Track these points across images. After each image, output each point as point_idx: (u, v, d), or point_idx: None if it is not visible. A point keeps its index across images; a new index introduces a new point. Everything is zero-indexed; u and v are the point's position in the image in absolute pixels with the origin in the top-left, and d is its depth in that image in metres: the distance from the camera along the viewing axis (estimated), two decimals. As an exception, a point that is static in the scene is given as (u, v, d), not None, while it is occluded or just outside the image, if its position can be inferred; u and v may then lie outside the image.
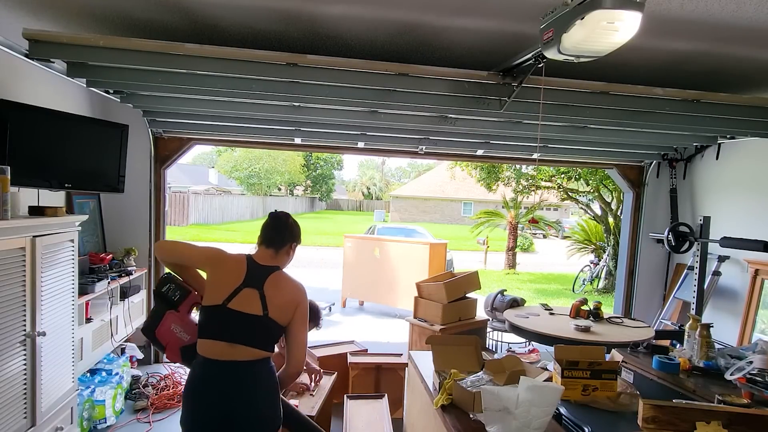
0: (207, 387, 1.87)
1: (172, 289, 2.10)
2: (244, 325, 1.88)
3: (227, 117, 3.91)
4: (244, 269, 1.95)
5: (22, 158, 2.71)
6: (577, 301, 4.01)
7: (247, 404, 1.86)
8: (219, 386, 1.85)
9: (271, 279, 1.95)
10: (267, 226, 2.07)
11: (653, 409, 1.71)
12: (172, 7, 2.54)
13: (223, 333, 1.87)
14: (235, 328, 1.87)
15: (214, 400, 1.84)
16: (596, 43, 1.97)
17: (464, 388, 2.00)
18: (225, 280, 1.92)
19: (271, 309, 1.90)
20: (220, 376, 1.86)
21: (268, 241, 2.03)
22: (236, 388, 1.85)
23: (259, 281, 1.93)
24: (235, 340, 1.86)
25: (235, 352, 1.86)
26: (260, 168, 30.51)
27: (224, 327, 1.88)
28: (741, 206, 4.26)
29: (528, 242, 18.65)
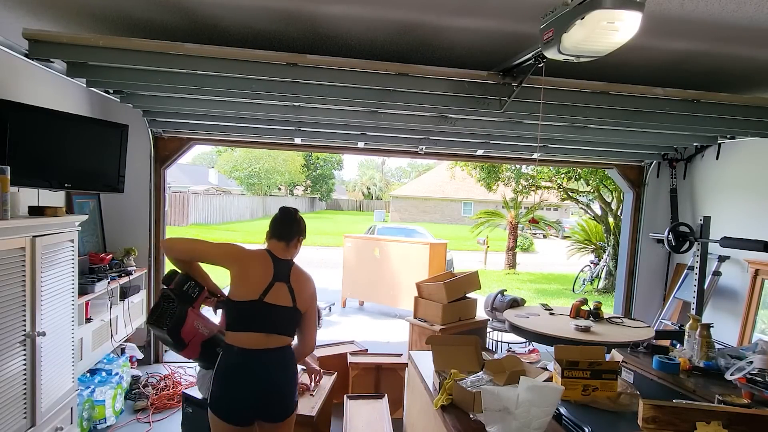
0: (245, 373, 2.00)
1: (192, 286, 2.14)
2: (279, 316, 2.05)
3: (227, 117, 3.91)
4: (271, 264, 2.08)
5: (22, 158, 2.70)
6: (577, 301, 4.00)
7: (279, 385, 2.06)
8: (257, 372, 2.00)
9: (293, 273, 2.12)
10: (277, 220, 2.19)
11: (653, 409, 1.71)
12: (172, 7, 2.54)
13: (261, 325, 2.02)
14: (272, 319, 2.03)
15: (252, 384, 2.00)
16: (596, 43, 1.97)
17: (464, 388, 2.00)
18: (257, 275, 2.05)
19: (298, 300, 2.08)
20: (257, 362, 2.01)
21: (279, 235, 2.15)
22: (272, 372, 2.03)
23: (285, 275, 2.09)
24: (271, 330, 2.03)
25: (270, 340, 2.03)
26: (260, 168, 30.51)
27: (261, 319, 2.02)
28: (741, 206, 4.26)
29: (528, 242, 18.65)
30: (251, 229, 21.36)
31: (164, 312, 2.08)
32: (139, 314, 4.24)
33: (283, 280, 2.07)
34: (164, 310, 2.08)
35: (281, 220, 2.19)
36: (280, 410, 2.08)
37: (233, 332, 2.04)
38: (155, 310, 2.11)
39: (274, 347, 2.03)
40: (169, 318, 2.06)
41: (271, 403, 2.05)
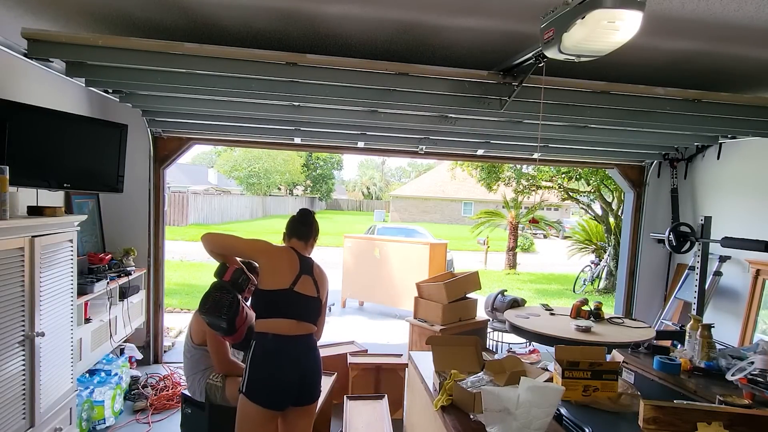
0: (284, 358, 2.16)
1: (244, 279, 2.37)
2: (307, 305, 2.25)
3: (227, 117, 3.90)
4: (297, 259, 2.29)
5: (21, 158, 2.70)
6: (578, 302, 3.99)
7: (312, 369, 2.25)
8: (294, 356, 2.18)
9: (315, 267, 2.35)
10: (298, 222, 2.42)
11: (654, 409, 1.71)
12: (171, 7, 2.54)
13: (292, 311, 2.20)
14: (301, 307, 2.23)
15: (291, 369, 2.17)
16: (597, 42, 1.97)
17: (464, 388, 1.99)
18: (286, 267, 2.24)
19: (321, 291, 2.32)
20: (293, 348, 2.18)
21: (300, 235, 2.39)
22: (306, 357, 2.22)
23: (309, 269, 2.31)
24: (301, 317, 2.22)
25: (300, 327, 2.21)
26: (260, 168, 30.51)
27: (292, 306, 2.21)
28: (742, 206, 4.25)
29: (528, 242, 18.64)
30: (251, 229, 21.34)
31: (220, 302, 2.25)
32: (138, 314, 4.23)
33: (308, 273, 2.28)
34: (219, 300, 2.25)
35: (302, 222, 2.41)
36: (313, 392, 2.27)
37: (265, 319, 2.19)
38: (208, 300, 2.27)
39: (304, 334, 2.22)
40: (227, 308, 2.23)
41: (306, 387, 2.22)
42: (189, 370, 2.77)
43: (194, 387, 2.82)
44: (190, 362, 2.75)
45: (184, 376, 2.87)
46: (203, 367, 2.76)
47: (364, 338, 5.70)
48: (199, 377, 2.79)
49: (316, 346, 2.29)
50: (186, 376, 2.82)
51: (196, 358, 2.73)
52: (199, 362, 2.74)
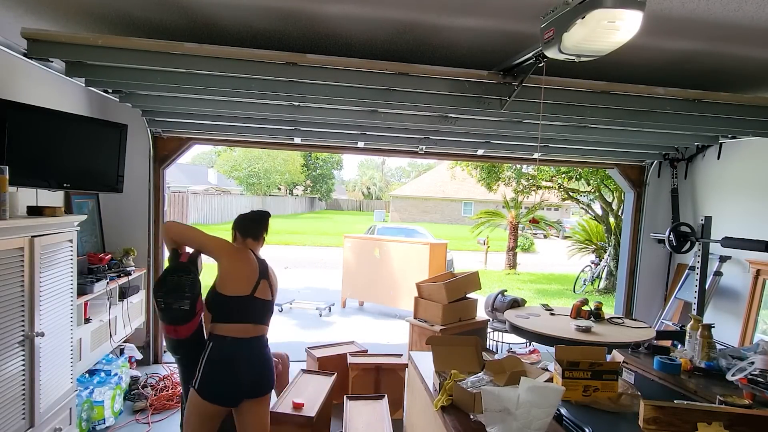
0: (241, 360, 2.24)
1: (200, 262, 2.36)
2: (264, 309, 2.33)
3: (227, 117, 3.90)
4: (256, 262, 2.32)
5: (21, 158, 2.70)
6: (578, 302, 3.99)
7: (266, 366, 2.34)
8: (250, 357, 2.27)
9: (270, 270, 2.40)
10: (251, 220, 2.44)
11: (654, 409, 1.71)
12: (171, 6, 2.53)
13: (250, 317, 2.27)
14: (259, 312, 2.30)
15: (248, 369, 2.26)
16: (597, 42, 1.97)
17: (464, 388, 1.99)
18: (246, 272, 2.27)
19: (274, 294, 2.40)
20: (249, 349, 2.26)
21: (255, 235, 2.42)
22: (257, 356, 2.30)
23: (266, 273, 2.35)
24: (258, 321, 2.30)
25: (256, 329, 2.29)
26: (260, 168, 30.51)
27: (251, 312, 2.27)
28: (742, 206, 4.25)
29: (528, 242, 18.64)
30: (251, 229, 21.32)
31: (180, 283, 2.23)
32: (138, 314, 4.23)
33: (264, 277, 2.33)
34: (179, 281, 2.23)
35: (257, 221, 2.44)
36: (265, 385, 2.36)
37: (224, 324, 2.23)
38: (166, 283, 2.23)
39: (260, 335, 2.32)
40: (190, 287, 2.23)
41: (258, 382, 2.31)
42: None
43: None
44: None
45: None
46: None
47: (364, 338, 5.70)
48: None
49: (267, 343, 2.39)
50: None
51: None
52: None
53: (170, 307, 2.21)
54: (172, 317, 2.23)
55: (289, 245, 17.17)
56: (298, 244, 17.48)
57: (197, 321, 2.29)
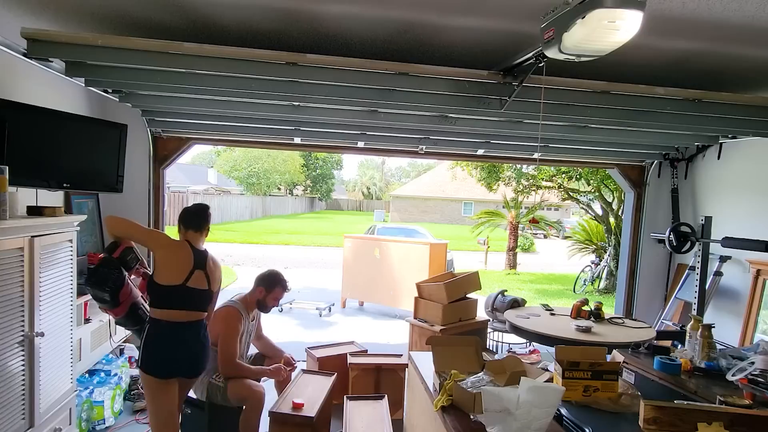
0: (172, 341, 2.49)
1: (133, 258, 2.58)
2: (199, 297, 2.55)
3: (227, 117, 3.90)
4: (191, 254, 2.53)
5: (21, 158, 2.69)
6: (578, 302, 3.99)
7: (197, 350, 2.58)
8: (180, 338, 2.51)
9: (209, 260, 2.61)
10: (192, 213, 2.64)
11: (654, 410, 1.71)
12: (170, 6, 2.53)
13: (184, 304, 2.50)
14: (192, 300, 2.52)
15: (177, 348, 2.51)
16: (597, 42, 1.96)
17: (465, 389, 1.99)
18: (180, 263, 2.49)
19: (212, 284, 2.61)
20: (181, 332, 2.51)
21: (196, 226, 2.61)
22: (192, 339, 2.54)
23: (203, 264, 2.56)
24: (191, 308, 2.53)
25: (190, 315, 2.52)
26: (259, 168, 30.52)
27: (185, 300, 2.50)
28: (743, 206, 4.25)
29: (529, 242, 18.64)
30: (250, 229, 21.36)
31: (106, 276, 2.45)
32: (138, 314, 4.22)
33: (201, 268, 2.54)
34: (106, 274, 2.45)
35: (197, 213, 2.64)
36: (198, 368, 2.61)
37: (158, 309, 2.47)
38: (95, 274, 2.46)
39: (194, 320, 2.54)
40: (113, 281, 2.45)
41: (194, 364, 2.58)
42: None
43: (198, 385, 2.84)
44: None
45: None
46: (209, 368, 2.78)
47: (364, 338, 5.69)
48: (203, 377, 2.80)
49: (204, 328, 2.62)
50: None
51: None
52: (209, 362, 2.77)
53: (95, 296, 2.47)
54: (99, 303, 2.52)
55: (289, 245, 17.17)
56: (298, 244, 17.48)
57: (124, 307, 2.54)
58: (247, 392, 2.85)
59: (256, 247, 16.13)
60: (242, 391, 2.85)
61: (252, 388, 2.87)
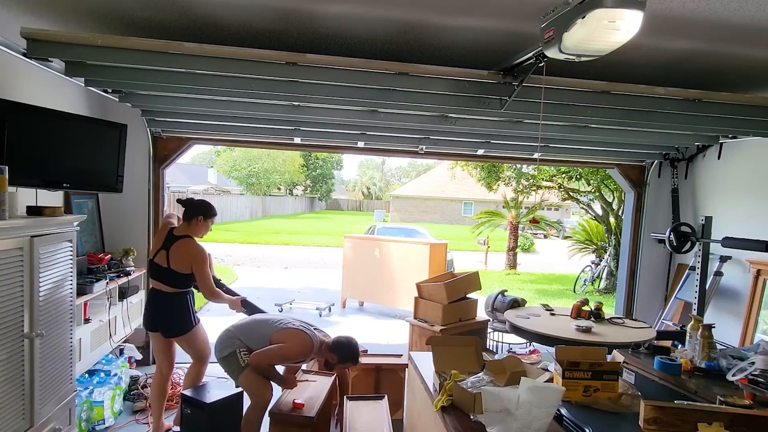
0: (149, 304, 3.24)
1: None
2: (159, 271, 3.12)
3: (226, 116, 3.90)
4: (164, 237, 3.13)
5: (20, 158, 2.69)
6: (578, 302, 3.99)
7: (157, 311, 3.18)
8: (150, 301, 3.23)
9: (176, 244, 3.09)
10: (185, 205, 3.24)
11: (655, 410, 1.70)
12: (170, 6, 2.53)
13: (153, 275, 3.17)
14: (156, 272, 3.13)
15: (147, 309, 3.27)
16: (597, 42, 1.96)
17: (465, 389, 1.99)
18: (155, 243, 3.19)
19: (171, 262, 3.08)
20: (151, 297, 3.22)
21: (186, 216, 3.21)
22: (154, 302, 3.19)
23: (168, 245, 3.09)
24: (156, 279, 3.15)
25: (156, 284, 3.16)
26: (259, 168, 30.52)
27: (153, 271, 3.16)
28: (743, 206, 4.25)
29: (529, 242, 18.64)
30: (250, 229, 21.35)
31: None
32: (137, 315, 4.22)
33: (165, 248, 3.08)
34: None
35: (186, 205, 3.23)
36: (164, 329, 3.19)
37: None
38: None
39: (157, 289, 3.14)
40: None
41: (152, 322, 3.20)
42: (241, 333, 2.95)
43: (225, 341, 2.94)
44: (248, 334, 2.94)
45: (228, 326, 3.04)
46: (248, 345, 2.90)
47: (364, 338, 5.68)
48: (237, 343, 2.90)
49: (162, 296, 3.13)
50: (229, 329, 3.01)
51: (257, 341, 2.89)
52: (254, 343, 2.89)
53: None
54: None
55: (288, 245, 17.17)
56: (297, 244, 17.48)
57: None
58: (256, 390, 2.84)
59: (255, 247, 16.12)
60: (252, 386, 2.84)
61: (261, 388, 2.86)
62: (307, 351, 2.91)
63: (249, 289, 8.95)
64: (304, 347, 2.90)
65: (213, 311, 7.15)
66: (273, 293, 8.64)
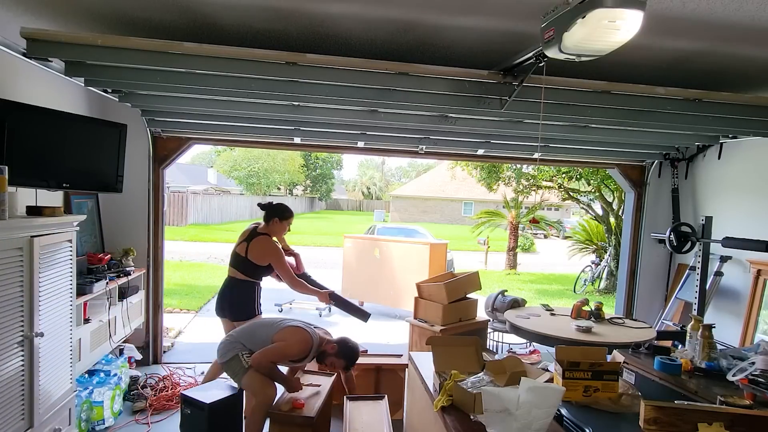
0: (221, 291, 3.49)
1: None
2: (236, 259, 3.41)
3: (226, 116, 3.89)
4: (247, 233, 3.46)
5: (20, 158, 2.69)
6: (579, 302, 3.99)
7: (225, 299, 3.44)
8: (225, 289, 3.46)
9: (255, 240, 3.38)
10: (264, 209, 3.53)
11: (655, 410, 1.70)
12: (170, 6, 2.53)
13: (232, 263, 3.45)
14: (235, 261, 3.42)
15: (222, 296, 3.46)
16: (597, 42, 1.96)
17: (465, 389, 1.99)
18: (241, 237, 3.48)
19: (248, 253, 3.35)
20: (227, 285, 3.46)
21: (265, 219, 3.49)
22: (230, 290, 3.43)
23: (249, 239, 3.39)
24: (234, 267, 3.43)
25: (234, 273, 3.41)
26: (259, 168, 30.49)
27: (232, 260, 3.45)
28: (743, 206, 4.25)
29: (529, 242, 18.63)
30: (251, 229, 21.29)
31: None
32: (137, 315, 4.22)
33: (247, 242, 3.37)
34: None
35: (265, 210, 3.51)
36: (231, 313, 3.39)
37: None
38: None
39: (233, 276, 3.41)
40: None
41: (227, 307, 3.41)
42: (243, 337, 2.95)
43: (227, 346, 2.92)
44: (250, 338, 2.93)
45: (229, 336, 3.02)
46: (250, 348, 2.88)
47: (364, 338, 5.68)
48: (239, 347, 2.89)
49: (235, 282, 3.40)
50: (230, 333, 3.02)
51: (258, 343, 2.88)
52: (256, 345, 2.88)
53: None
54: None
55: (289, 245, 17.15)
56: (298, 244, 17.46)
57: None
58: (260, 389, 2.83)
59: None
60: (256, 386, 2.83)
61: (265, 387, 2.85)
62: (307, 347, 2.92)
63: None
64: (303, 344, 2.92)
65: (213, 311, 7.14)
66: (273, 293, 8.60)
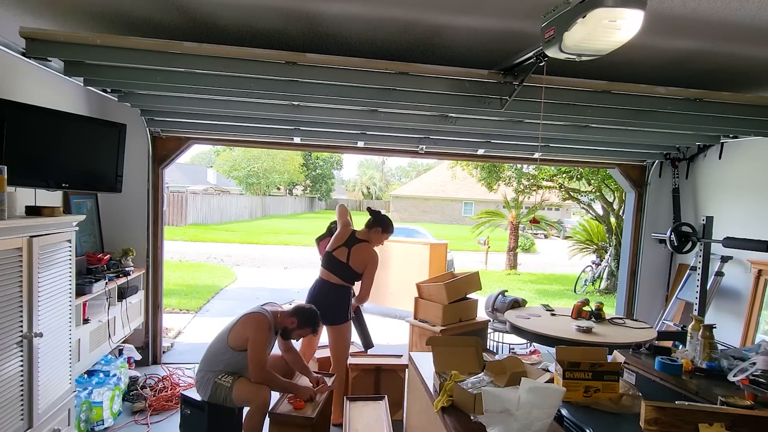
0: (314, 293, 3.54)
1: None
2: (335, 263, 3.49)
3: (226, 116, 3.89)
4: (347, 237, 3.54)
5: (19, 158, 2.69)
6: (579, 302, 3.98)
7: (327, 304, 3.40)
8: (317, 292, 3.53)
9: (357, 246, 3.50)
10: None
11: (655, 410, 1.70)
12: (170, 6, 2.53)
13: (326, 265, 3.53)
14: (331, 264, 3.51)
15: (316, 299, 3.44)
16: (598, 41, 1.96)
17: (465, 389, 1.98)
18: (336, 240, 3.57)
19: (350, 260, 3.47)
20: (319, 287, 3.54)
21: (367, 224, 3.61)
22: (324, 295, 3.48)
23: (350, 245, 3.50)
24: (330, 270, 3.51)
25: (327, 275, 3.52)
26: (259, 167, 30.50)
27: (327, 263, 3.54)
28: (744, 206, 4.24)
29: (529, 242, 18.62)
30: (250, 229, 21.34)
31: None
32: (137, 315, 4.22)
33: (348, 247, 3.48)
34: None
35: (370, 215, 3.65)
36: (324, 317, 3.25)
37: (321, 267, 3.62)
38: None
39: (328, 280, 3.50)
40: None
41: (323, 313, 3.21)
42: (206, 365, 2.85)
43: (202, 383, 2.85)
44: (212, 360, 2.84)
45: (197, 368, 2.92)
46: (220, 368, 2.82)
47: (364, 338, 5.67)
48: (210, 376, 2.82)
49: (331, 286, 3.48)
50: (199, 370, 2.89)
51: (221, 358, 2.83)
52: (221, 363, 2.82)
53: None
54: None
55: (288, 245, 17.17)
56: (297, 245, 17.47)
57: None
58: (252, 395, 2.81)
59: (255, 248, 16.11)
60: (247, 394, 2.81)
61: (257, 391, 2.84)
62: (267, 325, 2.87)
63: (249, 290, 8.96)
64: (261, 324, 2.85)
65: (212, 311, 7.15)
66: (273, 293, 8.62)
